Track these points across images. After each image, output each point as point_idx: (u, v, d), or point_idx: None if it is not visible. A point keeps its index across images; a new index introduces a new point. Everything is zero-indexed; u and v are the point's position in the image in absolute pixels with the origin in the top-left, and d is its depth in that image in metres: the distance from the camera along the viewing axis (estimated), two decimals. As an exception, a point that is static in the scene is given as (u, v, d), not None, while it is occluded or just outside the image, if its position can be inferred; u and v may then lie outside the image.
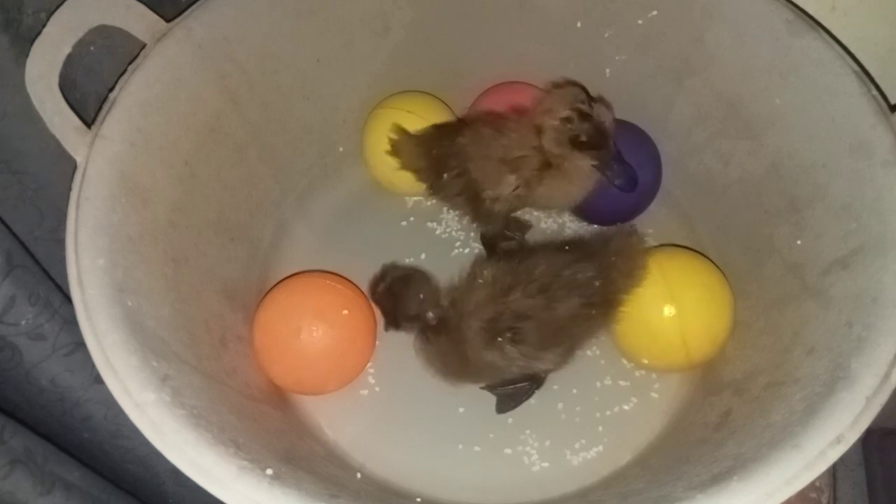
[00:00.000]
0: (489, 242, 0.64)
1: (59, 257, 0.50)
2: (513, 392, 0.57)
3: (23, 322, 0.49)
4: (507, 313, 0.51)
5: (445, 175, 0.60)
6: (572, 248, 0.55)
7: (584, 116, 0.54)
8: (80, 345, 0.52)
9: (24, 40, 0.47)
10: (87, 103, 0.53)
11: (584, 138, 0.54)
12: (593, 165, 0.55)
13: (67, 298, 0.52)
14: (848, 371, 0.40)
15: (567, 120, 0.54)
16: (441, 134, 0.62)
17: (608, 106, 0.55)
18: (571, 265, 0.52)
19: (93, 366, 0.52)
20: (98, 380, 0.53)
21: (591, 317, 0.53)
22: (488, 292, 0.52)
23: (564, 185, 0.57)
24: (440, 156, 0.60)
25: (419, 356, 0.56)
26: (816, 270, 0.49)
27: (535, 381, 0.57)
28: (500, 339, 0.51)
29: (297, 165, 0.68)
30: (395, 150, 0.63)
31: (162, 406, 0.39)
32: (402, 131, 0.63)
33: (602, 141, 0.54)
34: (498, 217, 0.61)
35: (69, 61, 0.47)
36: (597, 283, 0.52)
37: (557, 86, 0.58)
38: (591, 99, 0.55)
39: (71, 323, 0.51)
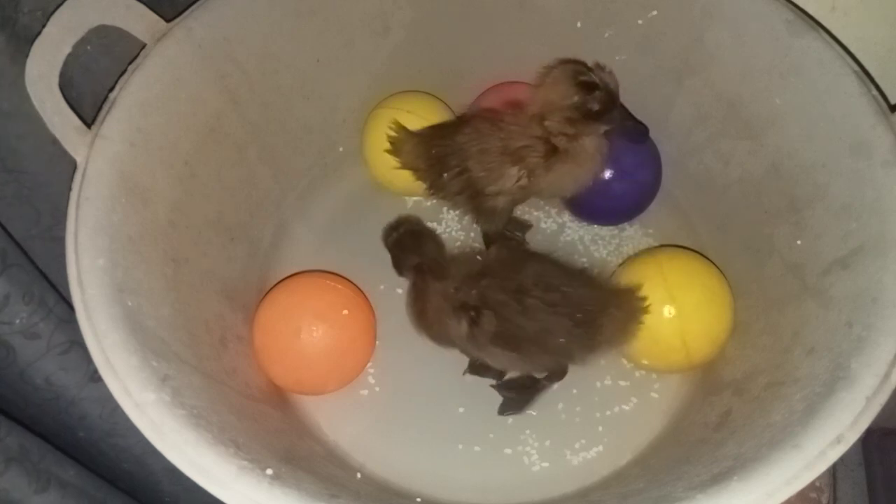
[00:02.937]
0: (491, 241, 0.64)
1: (56, 256, 0.50)
2: (518, 399, 0.57)
3: (17, 321, 0.49)
4: (473, 294, 0.52)
5: (445, 175, 0.59)
6: (580, 278, 0.54)
7: (591, 87, 0.54)
8: (75, 343, 0.52)
9: (20, 39, 0.47)
10: (83, 102, 0.53)
11: (597, 107, 0.54)
12: (606, 131, 0.55)
13: (62, 297, 0.52)
14: (848, 371, 0.40)
15: (577, 98, 0.54)
16: (440, 133, 0.61)
17: (608, 69, 0.55)
18: (562, 288, 0.52)
19: (88, 364, 0.53)
20: (93, 378, 0.54)
21: (558, 345, 0.52)
22: (473, 268, 0.53)
23: (573, 168, 0.57)
24: (440, 155, 0.60)
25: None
26: (816, 270, 0.49)
27: (536, 388, 0.57)
28: (463, 312, 0.52)
29: (297, 165, 0.68)
30: (395, 149, 0.63)
31: (162, 406, 0.39)
32: (401, 128, 0.63)
33: (614, 103, 0.55)
34: (501, 214, 0.61)
35: (66, 60, 0.47)
36: (578, 315, 0.51)
37: (550, 68, 0.58)
38: (589, 69, 0.55)
39: (65, 322, 0.51)
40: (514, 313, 0.51)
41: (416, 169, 0.62)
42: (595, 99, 0.54)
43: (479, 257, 0.55)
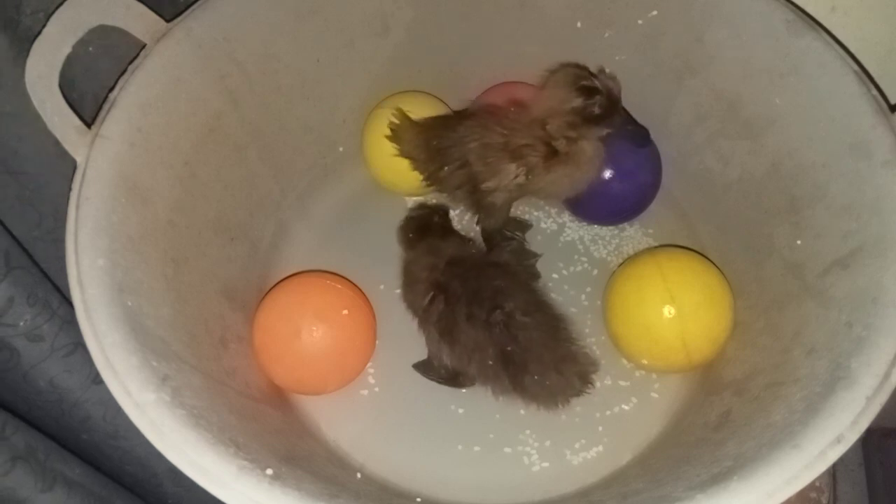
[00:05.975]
0: (491, 240, 0.64)
1: (58, 258, 0.49)
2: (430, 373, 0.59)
3: (21, 323, 0.49)
4: (439, 276, 0.55)
5: (447, 168, 0.59)
6: (547, 320, 0.54)
7: (593, 91, 0.54)
8: (79, 345, 0.52)
9: (23, 41, 0.47)
10: (85, 102, 0.53)
11: (598, 111, 0.55)
12: (607, 134, 0.56)
13: (66, 299, 0.52)
14: (848, 371, 0.40)
15: (578, 103, 0.54)
16: (442, 124, 0.61)
17: (611, 75, 0.56)
18: (514, 314, 0.52)
19: (91, 366, 0.53)
20: (96, 380, 0.54)
21: (486, 365, 0.53)
22: (460, 254, 0.56)
23: (571, 171, 0.57)
24: (441, 147, 0.60)
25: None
26: (816, 270, 0.49)
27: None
28: (430, 288, 0.55)
29: (297, 165, 0.68)
30: (395, 136, 0.63)
31: (162, 406, 0.39)
32: (403, 116, 0.63)
33: (616, 108, 0.55)
34: (500, 210, 0.61)
35: (67, 61, 0.47)
36: (509, 348, 0.51)
37: (553, 72, 0.58)
38: (591, 74, 0.55)
39: (69, 323, 0.51)
40: (461, 314, 0.52)
41: (414, 159, 0.62)
42: (596, 103, 0.54)
43: (472, 250, 0.57)
